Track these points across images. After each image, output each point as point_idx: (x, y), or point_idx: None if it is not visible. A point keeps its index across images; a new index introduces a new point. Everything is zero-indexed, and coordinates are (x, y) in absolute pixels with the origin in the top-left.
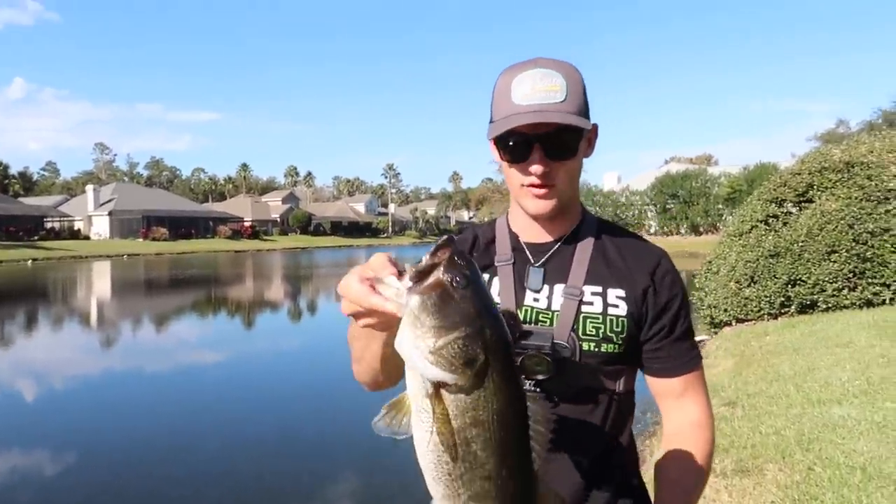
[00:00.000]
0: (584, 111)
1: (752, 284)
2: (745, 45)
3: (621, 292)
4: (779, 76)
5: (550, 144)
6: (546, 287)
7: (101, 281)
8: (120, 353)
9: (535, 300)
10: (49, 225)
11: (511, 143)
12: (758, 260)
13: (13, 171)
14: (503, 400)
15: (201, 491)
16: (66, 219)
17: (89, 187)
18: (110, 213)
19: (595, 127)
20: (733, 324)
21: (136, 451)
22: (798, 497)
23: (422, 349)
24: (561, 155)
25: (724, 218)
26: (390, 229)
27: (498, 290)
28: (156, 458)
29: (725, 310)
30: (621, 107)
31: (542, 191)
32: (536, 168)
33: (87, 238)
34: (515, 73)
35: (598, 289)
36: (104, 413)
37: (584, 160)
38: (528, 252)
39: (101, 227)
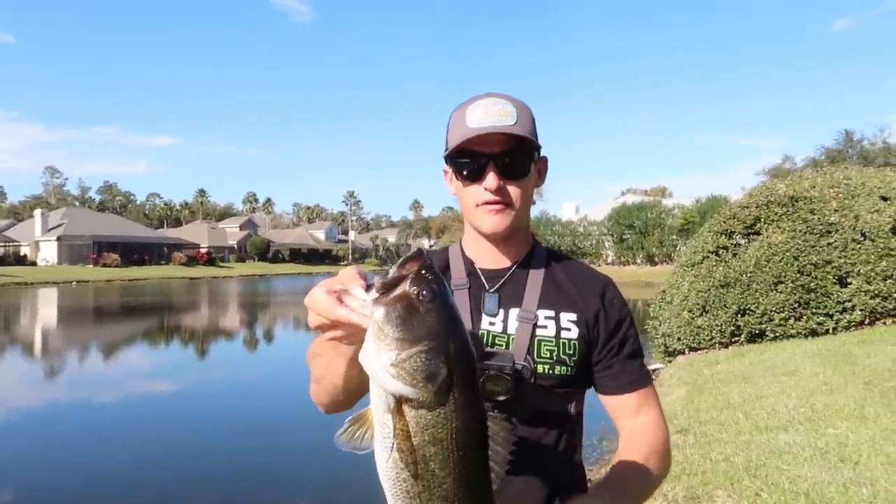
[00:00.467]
0: (536, 136)
1: (704, 314)
2: (700, 81)
3: (573, 316)
4: (732, 112)
5: (504, 163)
6: (501, 311)
7: (47, 308)
8: (65, 383)
9: (492, 324)
10: None
11: (466, 162)
12: (709, 290)
13: None
14: (464, 419)
15: None
16: (11, 244)
17: (37, 212)
18: (59, 239)
19: (545, 160)
20: (686, 352)
21: (76, 485)
22: None
23: (384, 361)
24: (514, 173)
25: (678, 249)
26: (350, 257)
27: None
28: (99, 492)
29: (679, 338)
30: (581, 138)
31: (497, 206)
32: (491, 183)
33: (33, 264)
34: (469, 103)
35: (551, 313)
36: (46, 446)
37: (540, 191)
38: (482, 277)
39: (48, 252)
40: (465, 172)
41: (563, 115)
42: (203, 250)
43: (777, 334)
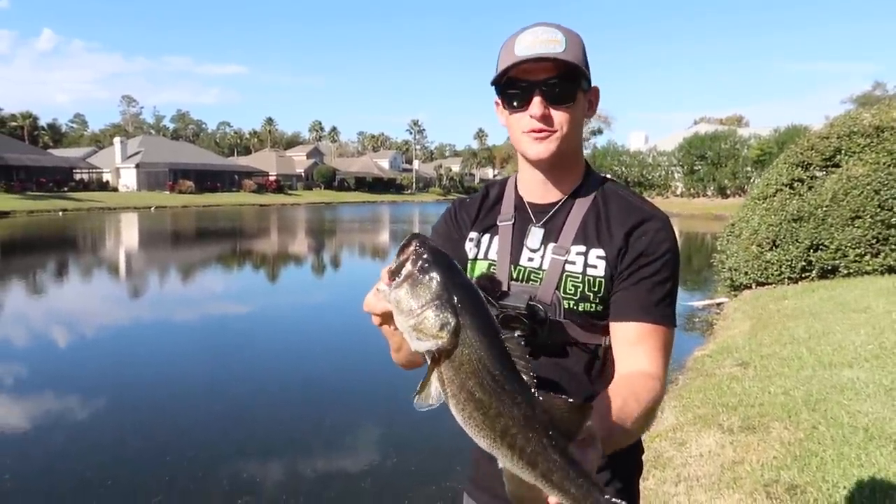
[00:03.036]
0: (585, 67)
1: (774, 248)
2: (782, 6)
3: (601, 252)
4: (816, 37)
5: (549, 89)
6: (542, 247)
7: (129, 232)
8: (149, 302)
9: (531, 259)
10: (78, 176)
11: (512, 90)
12: (780, 224)
13: (42, 122)
14: (484, 346)
15: (227, 433)
16: (94, 171)
17: (117, 139)
18: (137, 166)
19: (596, 90)
20: (753, 287)
21: (162, 397)
22: (799, 453)
23: (408, 330)
24: (560, 100)
25: (752, 181)
26: (414, 186)
27: (497, 248)
28: (182, 404)
29: (746, 273)
30: (652, 65)
31: (543, 134)
32: (536, 110)
33: (115, 190)
34: (519, 33)
35: (583, 248)
36: (131, 361)
37: (608, 120)
38: (530, 212)
39: (128, 179)
40: (512, 100)
41: (633, 42)
42: (272, 178)
43: (851, 271)
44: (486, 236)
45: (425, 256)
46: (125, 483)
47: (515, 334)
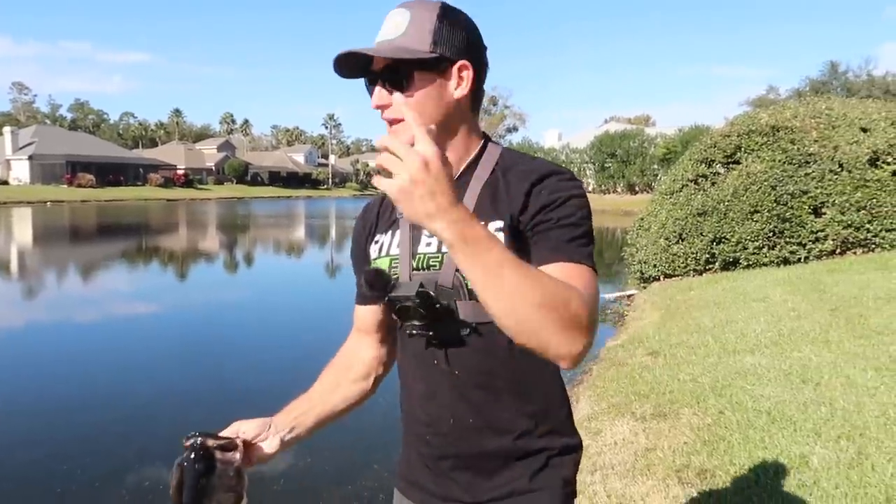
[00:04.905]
0: (430, 45)
1: (680, 241)
2: (687, 11)
3: (499, 223)
4: (717, 42)
5: (383, 78)
6: None
7: (22, 228)
8: (43, 303)
9: (428, 245)
10: None
11: (368, 84)
12: (686, 218)
13: None
14: None
15: (126, 437)
16: None
17: (6, 129)
18: (31, 158)
19: (465, 65)
20: (661, 279)
21: (59, 403)
22: (708, 438)
23: None
24: (393, 87)
25: (658, 178)
26: (330, 181)
27: (397, 242)
28: (77, 410)
29: (655, 265)
30: (564, 66)
31: (391, 126)
32: (372, 101)
33: (5, 183)
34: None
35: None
36: (20, 364)
37: (523, 117)
38: None
39: (20, 171)
40: (369, 94)
41: (547, 43)
42: (180, 172)
43: (750, 262)
44: (389, 233)
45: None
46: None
47: (415, 323)
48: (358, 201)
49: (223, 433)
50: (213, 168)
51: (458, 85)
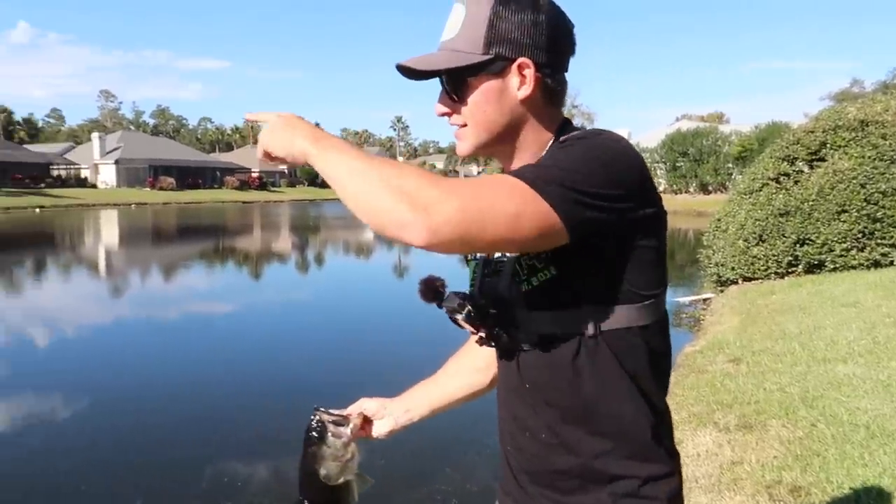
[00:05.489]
0: (482, 45)
1: (761, 243)
2: (758, 4)
3: None
4: (793, 35)
5: (446, 84)
6: None
7: (110, 229)
8: (129, 301)
9: None
10: (55, 173)
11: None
12: (767, 218)
13: (17, 117)
14: None
15: (208, 435)
16: (72, 167)
17: (95, 135)
18: (117, 162)
19: (524, 63)
20: (740, 282)
21: (140, 398)
22: (801, 452)
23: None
24: (456, 93)
25: (733, 177)
26: None
27: None
28: (161, 404)
29: (733, 268)
30: (635, 63)
31: (457, 131)
32: (436, 110)
33: (94, 186)
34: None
35: None
36: (110, 361)
37: (591, 116)
38: None
39: (107, 175)
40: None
41: (616, 40)
42: (255, 174)
43: (837, 265)
44: None
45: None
46: (100, 487)
47: (470, 328)
48: None
49: (349, 407)
50: (286, 171)
51: (521, 84)
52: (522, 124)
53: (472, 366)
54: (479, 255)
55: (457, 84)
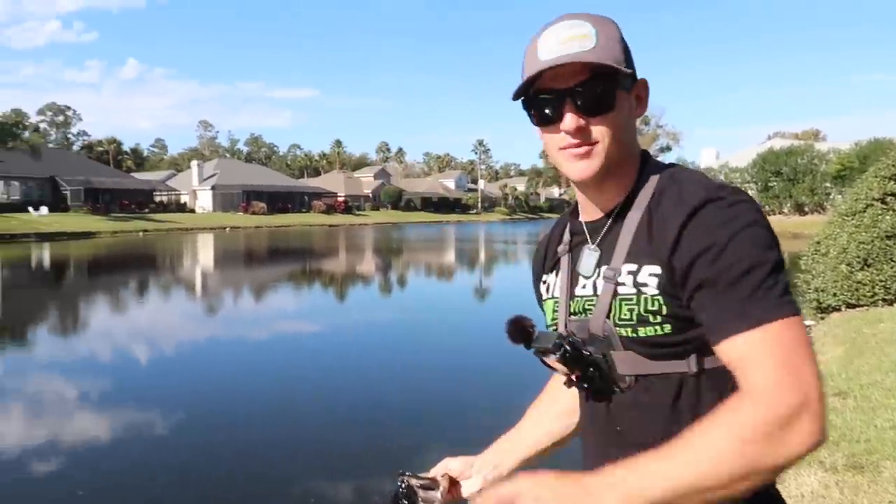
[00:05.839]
0: (622, 61)
1: (866, 268)
2: (855, 19)
3: (655, 269)
4: (893, 49)
5: (583, 97)
6: (596, 270)
7: (206, 252)
8: (223, 320)
9: (584, 287)
10: (158, 198)
11: (539, 103)
12: (873, 241)
13: (126, 147)
14: None
15: (295, 452)
16: (173, 193)
17: (194, 163)
18: (213, 188)
19: (644, 84)
20: (843, 309)
21: (233, 413)
22: None
23: None
24: (597, 108)
25: (831, 197)
26: (479, 206)
27: (558, 283)
28: (252, 421)
29: (834, 294)
30: (723, 81)
31: (581, 150)
32: (569, 124)
33: (192, 211)
34: (541, 31)
35: (634, 267)
36: (204, 377)
37: (676, 135)
38: (586, 232)
39: (204, 200)
40: (540, 115)
41: (703, 58)
42: (340, 199)
43: None
44: (553, 273)
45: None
46: (194, 499)
47: (564, 373)
48: (507, 225)
49: (433, 469)
50: (370, 195)
51: (638, 105)
52: (629, 148)
53: (556, 412)
54: (556, 293)
55: (607, 95)
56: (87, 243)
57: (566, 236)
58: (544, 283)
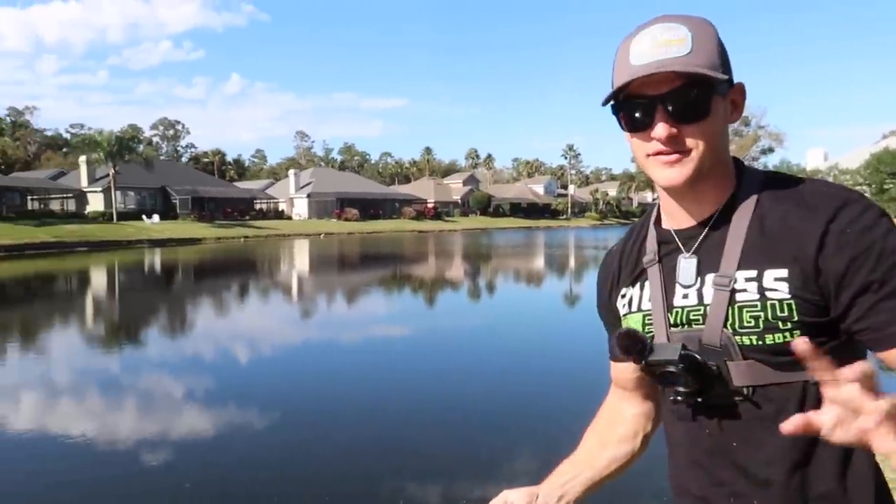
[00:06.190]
0: (719, 66)
1: None
2: None
3: (781, 272)
4: None
5: (676, 103)
6: (698, 279)
7: (302, 257)
8: (318, 322)
9: (685, 297)
10: (258, 206)
11: (630, 109)
12: None
13: (229, 158)
14: None
15: (386, 454)
16: (271, 201)
17: (291, 172)
18: (309, 196)
19: (740, 88)
20: None
21: (325, 414)
22: None
23: None
24: (690, 115)
25: None
26: (569, 211)
27: (648, 295)
28: (343, 421)
29: None
30: (830, 79)
31: (672, 157)
32: (660, 131)
33: (289, 218)
34: (634, 34)
35: (753, 273)
36: (299, 377)
37: (780, 137)
38: (678, 241)
39: (301, 207)
40: (630, 120)
41: (809, 56)
42: (430, 205)
43: None
44: (637, 286)
45: None
46: (292, 496)
47: (680, 389)
48: (597, 231)
49: (492, 502)
50: (459, 201)
51: (733, 110)
52: (724, 156)
53: (619, 436)
54: (645, 306)
55: (701, 102)
56: (194, 249)
57: (651, 245)
58: (623, 296)
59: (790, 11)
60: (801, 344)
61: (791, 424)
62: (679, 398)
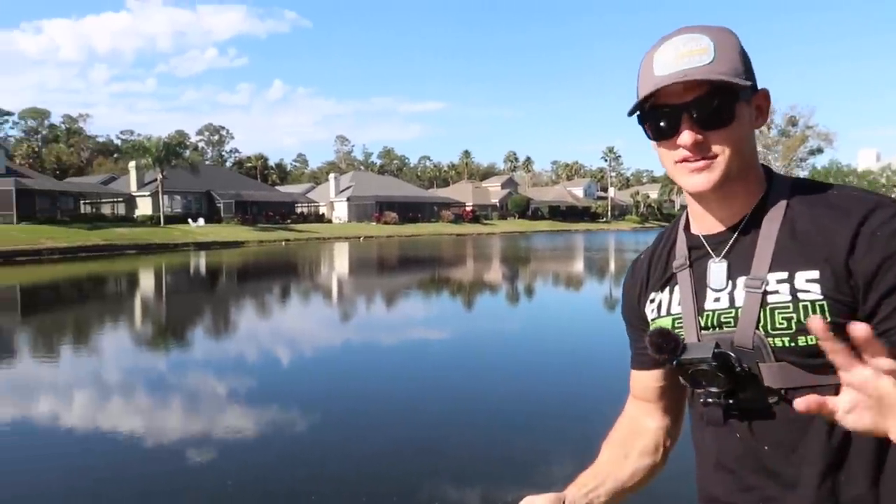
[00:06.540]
0: (742, 73)
1: None
2: None
3: (812, 273)
4: None
5: (701, 111)
6: (729, 282)
7: (342, 260)
8: (357, 325)
9: (717, 300)
10: (299, 210)
11: (655, 118)
12: None
13: (271, 162)
14: None
15: (421, 456)
16: (312, 204)
17: (331, 176)
18: (348, 199)
19: (765, 94)
20: None
21: (365, 411)
22: None
23: None
24: (715, 121)
25: None
26: (609, 214)
27: (678, 299)
28: (381, 422)
29: None
30: (882, 77)
31: (699, 164)
32: (686, 139)
33: (329, 221)
34: (658, 45)
35: (784, 275)
36: (336, 379)
37: (829, 137)
38: (707, 246)
39: (341, 211)
40: (655, 129)
41: (862, 53)
42: (468, 208)
43: None
44: (666, 291)
45: None
46: (330, 498)
47: (712, 390)
48: (637, 234)
49: None
50: (498, 204)
51: (758, 116)
52: (752, 161)
53: (640, 449)
54: (675, 310)
55: (725, 108)
56: (237, 251)
57: (681, 250)
58: (652, 301)
59: (846, 7)
60: (814, 321)
61: (803, 403)
62: (710, 399)
